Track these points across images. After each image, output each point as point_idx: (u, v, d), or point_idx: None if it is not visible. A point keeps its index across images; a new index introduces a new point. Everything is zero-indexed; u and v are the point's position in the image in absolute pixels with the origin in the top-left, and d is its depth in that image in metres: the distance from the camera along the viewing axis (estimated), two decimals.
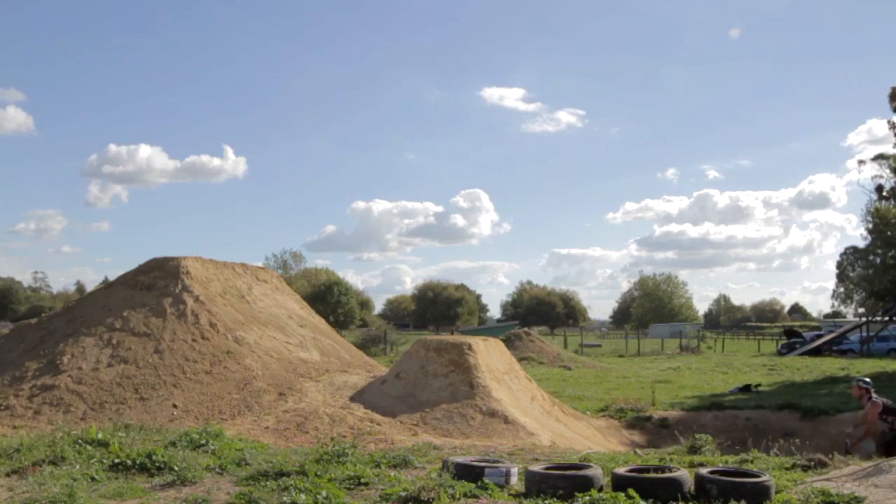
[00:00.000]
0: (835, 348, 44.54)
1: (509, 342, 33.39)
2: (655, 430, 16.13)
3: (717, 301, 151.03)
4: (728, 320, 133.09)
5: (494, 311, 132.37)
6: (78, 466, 8.21)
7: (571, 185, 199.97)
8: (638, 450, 11.87)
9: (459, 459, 7.74)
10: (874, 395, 12.05)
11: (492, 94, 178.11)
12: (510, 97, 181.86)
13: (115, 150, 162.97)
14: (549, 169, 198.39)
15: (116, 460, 8.38)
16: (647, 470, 7.15)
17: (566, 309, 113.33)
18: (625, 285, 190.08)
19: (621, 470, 7.11)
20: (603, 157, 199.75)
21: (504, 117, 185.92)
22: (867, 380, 12.35)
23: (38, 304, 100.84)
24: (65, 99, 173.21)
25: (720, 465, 8.36)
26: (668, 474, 6.81)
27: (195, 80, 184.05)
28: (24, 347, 15.31)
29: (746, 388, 21.32)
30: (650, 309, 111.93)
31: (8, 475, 8.09)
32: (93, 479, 7.79)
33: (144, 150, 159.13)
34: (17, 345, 15.65)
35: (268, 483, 7.48)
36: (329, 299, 77.60)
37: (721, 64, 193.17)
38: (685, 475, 6.80)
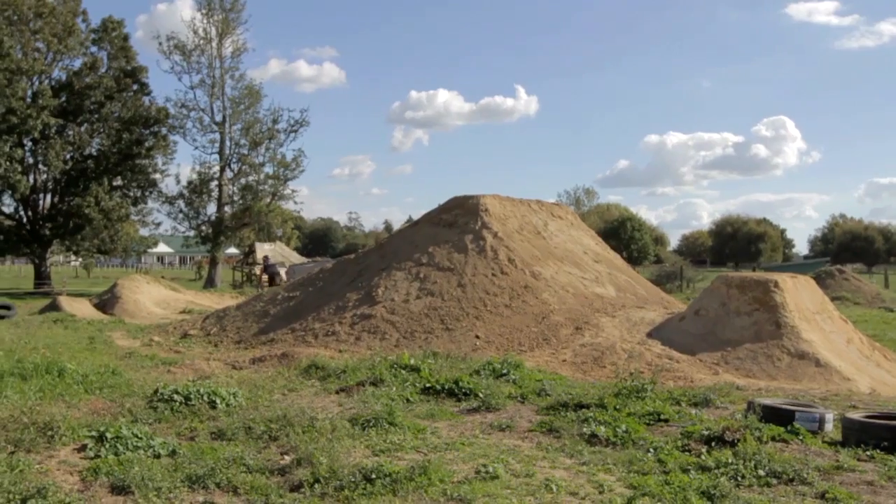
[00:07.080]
0: None
1: (819, 280, 30.76)
2: None
3: None
4: None
5: (801, 248, 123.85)
6: (394, 388, 9.04)
7: (894, 107, 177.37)
8: None
9: (767, 401, 7.35)
10: None
11: (799, 9, 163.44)
12: (821, 11, 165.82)
13: (416, 97, 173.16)
14: (868, 89, 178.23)
15: (427, 385, 9.11)
16: None
17: (887, 245, 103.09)
18: None
19: None
20: None
21: (814, 35, 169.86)
22: None
23: (353, 241, 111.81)
24: (371, 52, 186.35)
25: None
26: None
27: (486, 22, 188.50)
28: (344, 280, 16.98)
29: None
30: None
31: (337, 392, 9.16)
32: (407, 400, 8.56)
33: (442, 95, 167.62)
34: (339, 278, 17.40)
35: (567, 413, 7.67)
36: (622, 235, 77.14)
37: None
38: None
